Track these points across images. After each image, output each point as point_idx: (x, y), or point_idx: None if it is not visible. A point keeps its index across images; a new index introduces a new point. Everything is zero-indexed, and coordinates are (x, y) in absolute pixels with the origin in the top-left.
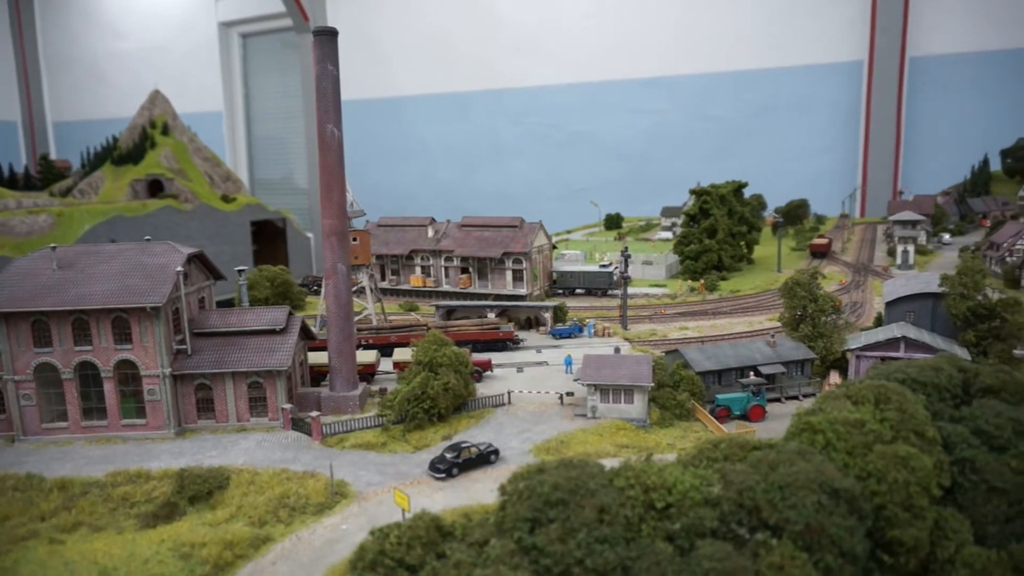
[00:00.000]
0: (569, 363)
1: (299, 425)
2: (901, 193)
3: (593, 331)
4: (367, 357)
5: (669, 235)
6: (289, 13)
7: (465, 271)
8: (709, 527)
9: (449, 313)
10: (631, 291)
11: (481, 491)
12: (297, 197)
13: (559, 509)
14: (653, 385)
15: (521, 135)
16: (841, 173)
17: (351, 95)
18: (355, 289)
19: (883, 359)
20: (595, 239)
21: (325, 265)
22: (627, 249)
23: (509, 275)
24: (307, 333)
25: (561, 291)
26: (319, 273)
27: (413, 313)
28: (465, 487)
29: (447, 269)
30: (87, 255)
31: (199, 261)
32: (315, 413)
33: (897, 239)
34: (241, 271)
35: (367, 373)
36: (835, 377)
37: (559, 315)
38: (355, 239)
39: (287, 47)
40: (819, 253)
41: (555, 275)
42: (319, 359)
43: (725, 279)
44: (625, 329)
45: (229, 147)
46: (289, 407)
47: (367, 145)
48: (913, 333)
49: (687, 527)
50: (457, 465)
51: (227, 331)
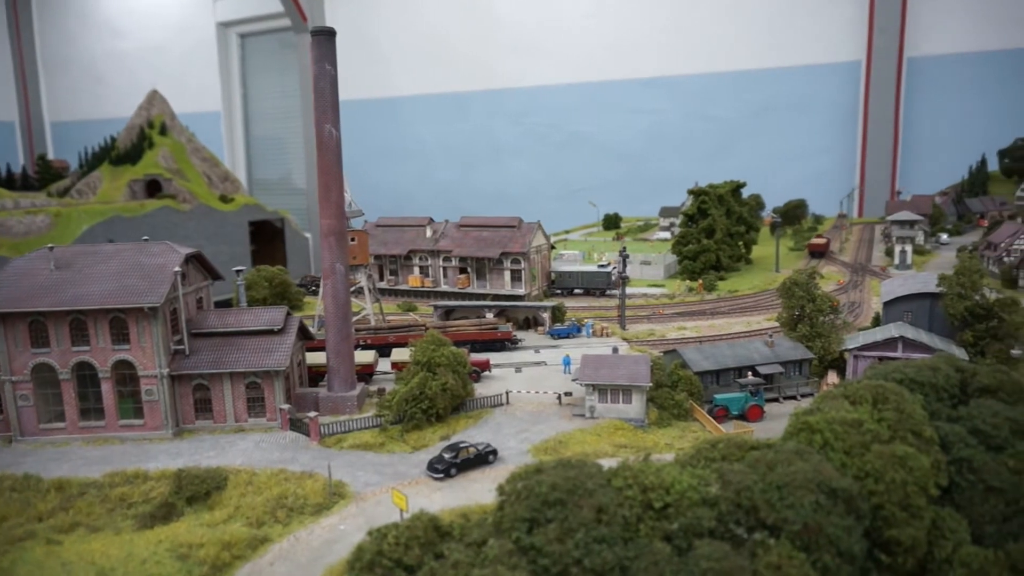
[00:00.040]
0: (567, 363)
1: (297, 425)
2: (899, 193)
3: (591, 331)
4: (365, 357)
5: (667, 235)
6: (287, 13)
7: (463, 271)
8: (707, 527)
9: (447, 313)
10: (629, 291)
11: (479, 491)
12: (295, 197)
13: (557, 509)
14: (651, 385)
15: (520, 135)
16: (839, 173)
17: (349, 95)
18: (353, 289)
19: (881, 359)
20: (593, 239)
21: (323, 265)
22: (625, 249)
23: (507, 275)
24: (305, 333)
25: (559, 291)
26: (317, 273)
27: (411, 313)
28: (463, 487)
29: (445, 269)
30: (85, 255)
31: (197, 261)
32: (313, 413)
33: (895, 239)
34: (239, 271)
35: (365, 373)
36: (833, 377)
37: (557, 315)
38: (353, 239)
39: (285, 47)
40: (817, 253)
41: (553, 275)
42: (317, 359)
43: (723, 279)
44: (623, 329)
45: (227, 147)
46: (287, 407)
47: (366, 145)
48: (911, 333)
49: (685, 527)
50: (455, 465)
51: (225, 331)
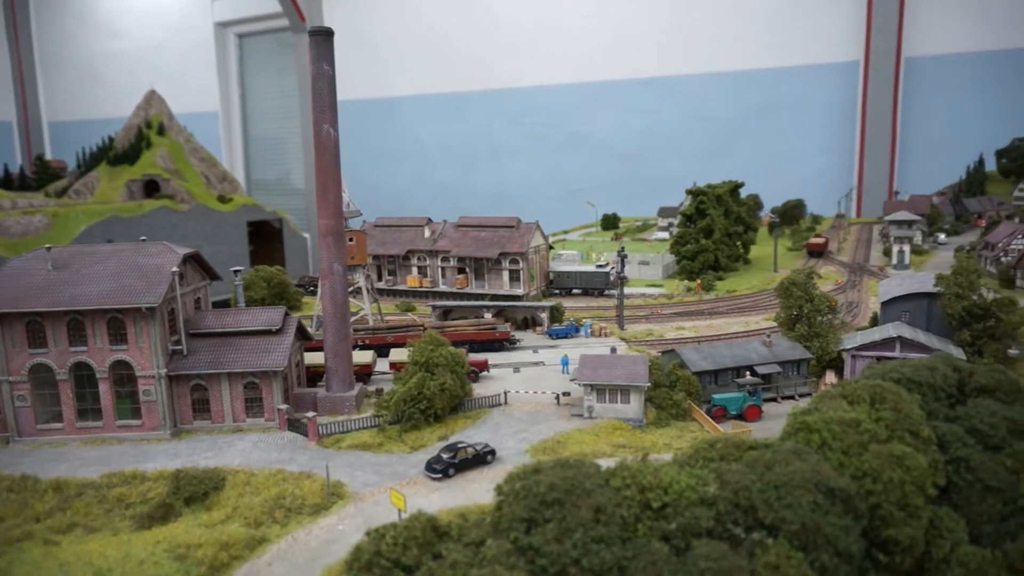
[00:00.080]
0: (565, 363)
1: (295, 426)
2: (897, 193)
3: (590, 331)
4: (363, 358)
5: (666, 235)
6: (285, 13)
7: (462, 271)
8: (705, 527)
9: (446, 313)
10: (628, 291)
11: (477, 491)
12: (294, 197)
13: (555, 509)
14: (649, 385)
15: (518, 135)
16: (837, 173)
17: (347, 95)
18: (351, 289)
19: (879, 359)
20: (592, 239)
21: (321, 265)
22: (624, 249)
23: (506, 275)
24: (303, 334)
25: (558, 291)
26: (315, 273)
27: (410, 313)
28: (461, 487)
29: (444, 269)
30: (82, 255)
31: (195, 261)
32: (311, 414)
33: (893, 239)
34: (237, 271)
35: (363, 374)
36: (831, 377)
37: (556, 315)
38: (351, 239)
39: (283, 47)
40: (816, 252)
41: (552, 275)
42: (315, 359)
43: (721, 279)
44: (622, 329)
45: (225, 147)
46: (285, 408)
47: (364, 145)
48: (908, 333)
49: (683, 527)
50: (453, 465)
51: (223, 332)
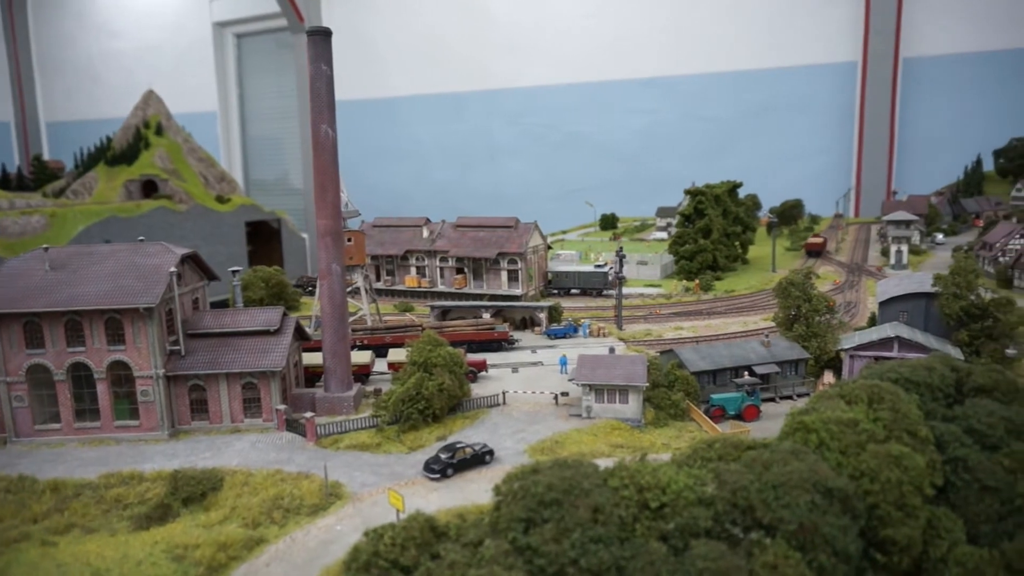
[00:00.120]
0: (564, 363)
1: (293, 426)
2: (895, 193)
3: (588, 331)
4: (362, 358)
5: (664, 235)
6: (284, 13)
7: (460, 271)
8: (703, 527)
9: (444, 313)
10: (626, 291)
11: (476, 491)
12: (292, 198)
13: (553, 509)
14: (648, 385)
15: (517, 135)
16: (835, 173)
17: (346, 95)
18: (350, 290)
19: (876, 359)
20: (590, 239)
21: (320, 266)
22: (622, 249)
23: (504, 275)
24: (302, 334)
25: (556, 291)
26: (314, 274)
27: (408, 314)
28: (460, 488)
29: (442, 269)
30: (80, 256)
31: (193, 262)
32: (309, 414)
33: (891, 239)
34: (235, 272)
35: (362, 374)
36: (829, 377)
37: (554, 315)
38: (350, 239)
39: (282, 47)
40: (814, 252)
41: (550, 275)
42: (314, 360)
43: (720, 279)
44: (620, 329)
45: (224, 147)
46: (283, 408)
47: (362, 145)
48: (906, 333)
49: (681, 527)
50: (452, 466)
51: (221, 332)
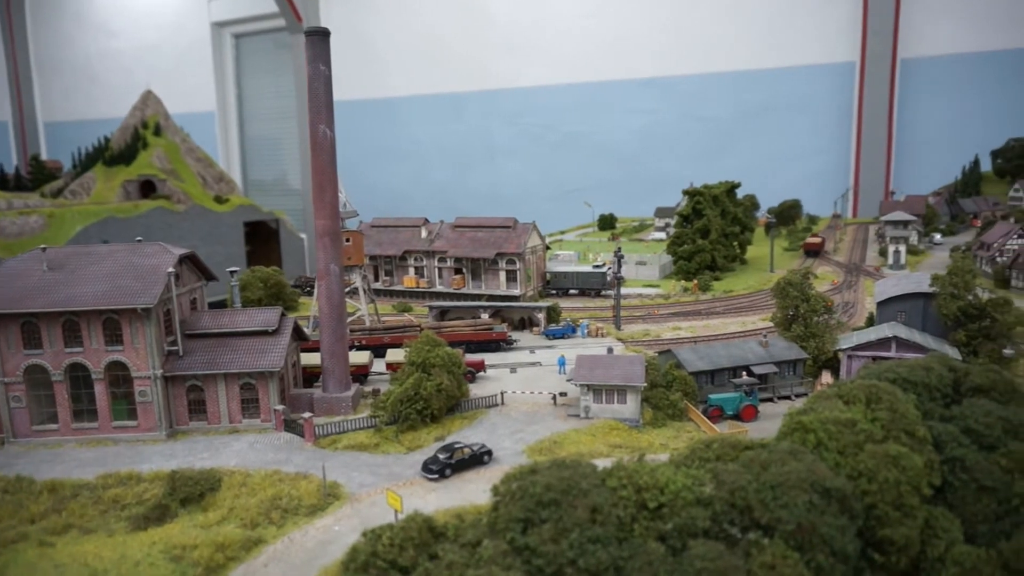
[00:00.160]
0: (562, 363)
1: (292, 426)
2: (893, 193)
3: (586, 331)
4: (360, 358)
5: (663, 235)
6: (282, 13)
7: (458, 272)
8: (701, 527)
9: (442, 314)
10: (624, 291)
11: (474, 492)
12: (291, 198)
13: (552, 509)
14: (646, 385)
15: (515, 135)
16: (833, 173)
17: (344, 95)
18: (348, 290)
19: (874, 359)
20: (589, 239)
21: (318, 266)
22: (620, 249)
23: (503, 276)
24: (300, 334)
25: (554, 291)
26: (312, 274)
27: (406, 314)
28: (458, 488)
29: (440, 270)
30: (78, 256)
31: (191, 262)
32: (308, 414)
33: (889, 239)
34: (233, 272)
35: (360, 374)
36: (827, 377)
37: (552, 316)
38: (348, 240)
39: (280, 47)
40: (812, 252)
41: (548, 276)
42: (312, 360)
43: (718, 279)
44: (618, 329)
45: (222, 148)
46: (281, 408)
47: (361, 146)
48: (904, 333)
49: (679, 527)
50: (450, 466)
51: (219, 332)
